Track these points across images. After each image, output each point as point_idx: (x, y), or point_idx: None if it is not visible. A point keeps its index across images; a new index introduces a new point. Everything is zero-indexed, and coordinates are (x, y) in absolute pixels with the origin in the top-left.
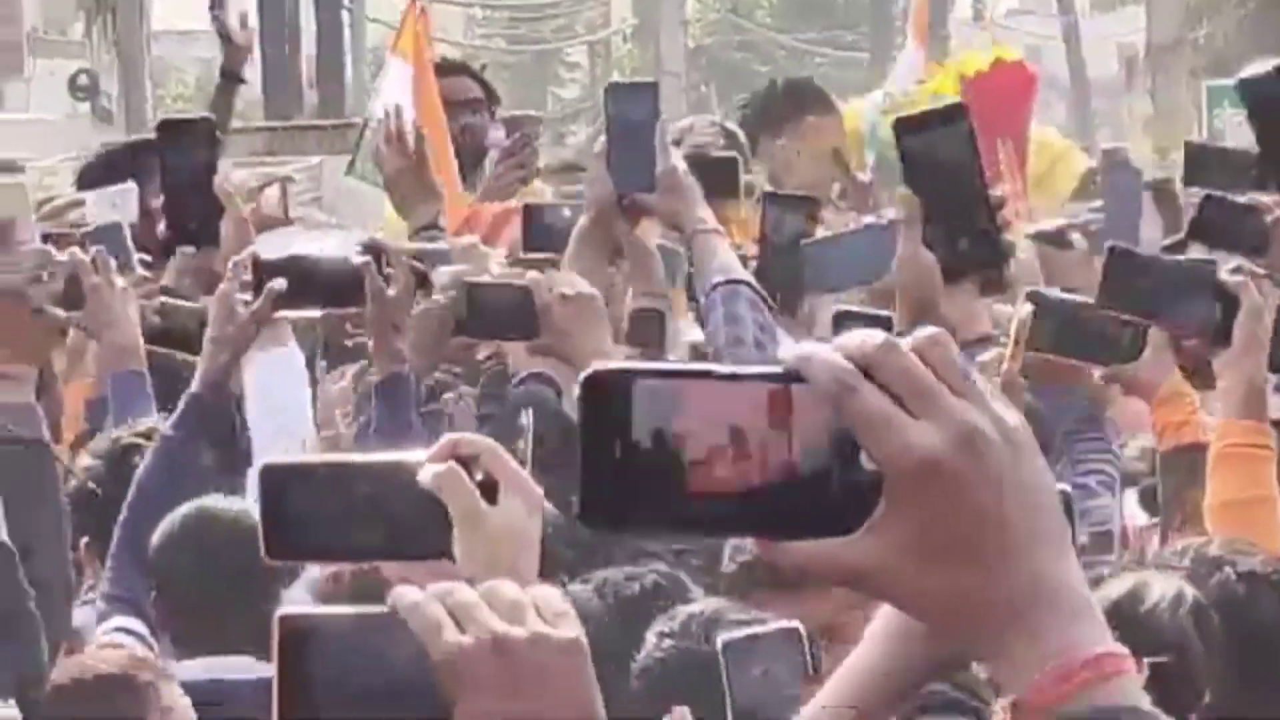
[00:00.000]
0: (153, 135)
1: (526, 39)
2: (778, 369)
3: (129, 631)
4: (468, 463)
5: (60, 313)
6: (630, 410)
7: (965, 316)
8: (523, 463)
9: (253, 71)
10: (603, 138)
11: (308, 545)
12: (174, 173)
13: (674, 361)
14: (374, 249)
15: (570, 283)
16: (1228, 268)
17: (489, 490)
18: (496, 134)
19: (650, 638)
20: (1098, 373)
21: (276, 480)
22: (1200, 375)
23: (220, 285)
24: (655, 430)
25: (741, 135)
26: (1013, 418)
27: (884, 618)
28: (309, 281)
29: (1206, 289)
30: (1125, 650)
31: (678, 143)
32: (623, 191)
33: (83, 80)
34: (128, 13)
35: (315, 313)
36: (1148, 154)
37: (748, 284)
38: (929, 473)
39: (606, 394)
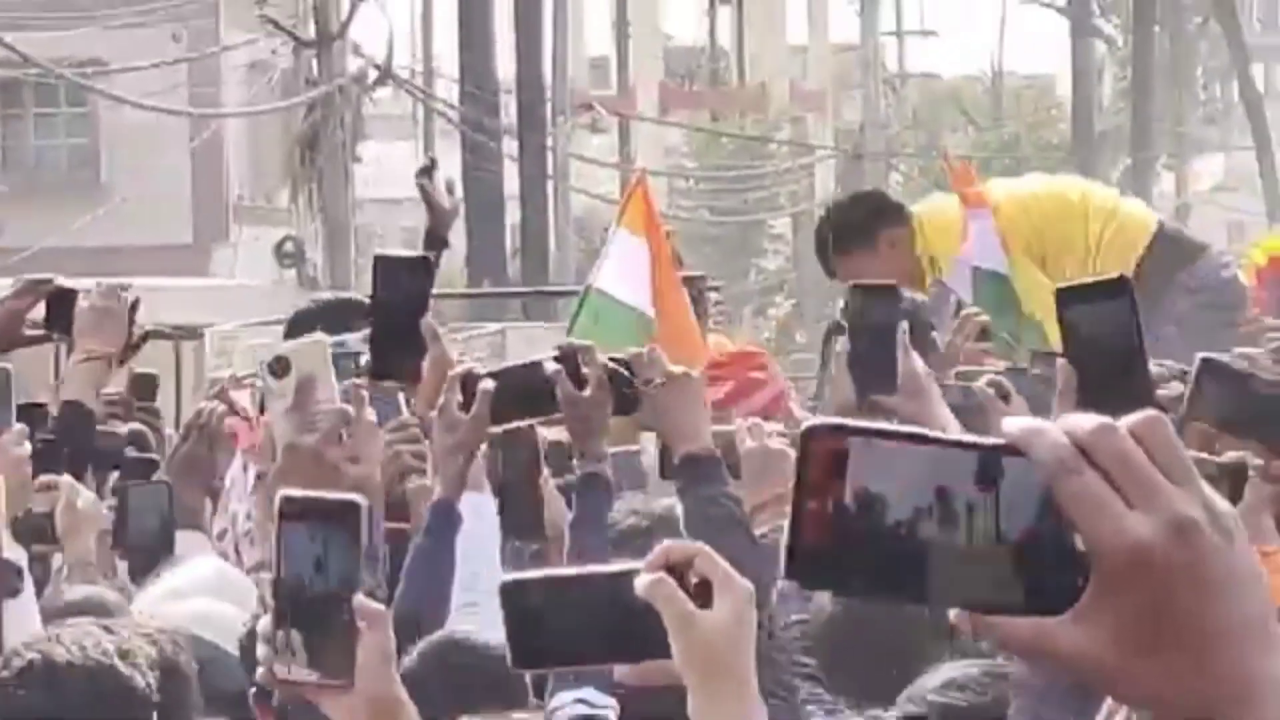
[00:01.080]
0: (351, 296)
1: (730, 210)
2: (993, 440)
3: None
4: (680, 568)
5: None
6: (844, 467)
7: None
8: None
9: (456, 239)
10: (845, 340)
11: (549, 653)
12: (384, 308)
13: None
14: (567, 354)
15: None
16: None
17: (704, 591)
18: None
19: None
20: (1256, 461)
21: (516, 596)
22: None
23: (440, 399)
24: (863, 489)
25: None
26: (1224, 505)
27: None
28: (509, 393)
29: None
30: None
31: None
32: (864, 395)
33: (288, 247)
34: (333, 181)
35: (521, 423)
36: None
37: None
38: (1141, 563)
39: (819, 450)
